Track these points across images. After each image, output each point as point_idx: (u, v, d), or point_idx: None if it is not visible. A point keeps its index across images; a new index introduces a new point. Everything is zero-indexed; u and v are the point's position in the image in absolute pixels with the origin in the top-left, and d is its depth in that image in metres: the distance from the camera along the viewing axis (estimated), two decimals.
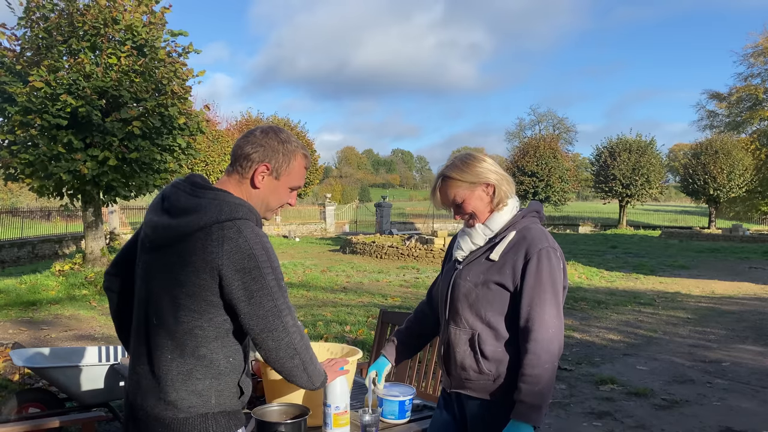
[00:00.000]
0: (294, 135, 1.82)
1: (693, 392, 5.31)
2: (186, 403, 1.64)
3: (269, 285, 1.58)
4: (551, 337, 1.89)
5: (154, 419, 1.67)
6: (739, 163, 31.49)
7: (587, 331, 7.88)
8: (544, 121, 74.18)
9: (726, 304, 10.14)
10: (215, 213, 1.58)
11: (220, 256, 1.55)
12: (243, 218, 1.60)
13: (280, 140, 1.74)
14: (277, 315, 1.59)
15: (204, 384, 1.65)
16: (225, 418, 1.69)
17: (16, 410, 3.85)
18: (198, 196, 1.64)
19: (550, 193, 35.28)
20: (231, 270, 1.55)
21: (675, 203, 63.51)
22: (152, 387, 1.68)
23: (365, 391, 2.34)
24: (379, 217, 28.45)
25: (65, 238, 20.90)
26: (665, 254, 19.30)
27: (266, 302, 1.58)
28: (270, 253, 1.61)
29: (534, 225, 2.03)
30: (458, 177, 2.03)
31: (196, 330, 1.62)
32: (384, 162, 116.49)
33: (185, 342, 1.63)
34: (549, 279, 1.92)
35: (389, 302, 9.67)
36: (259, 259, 1.57)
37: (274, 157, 1.72)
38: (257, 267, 1.56)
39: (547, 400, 1.89)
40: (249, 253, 1.56)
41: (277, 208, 1.79)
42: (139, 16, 11.07)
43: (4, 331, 7.54)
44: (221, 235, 1.56)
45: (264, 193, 1.74)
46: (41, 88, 9.87)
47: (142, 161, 10.95)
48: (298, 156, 1.76)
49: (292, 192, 1.80)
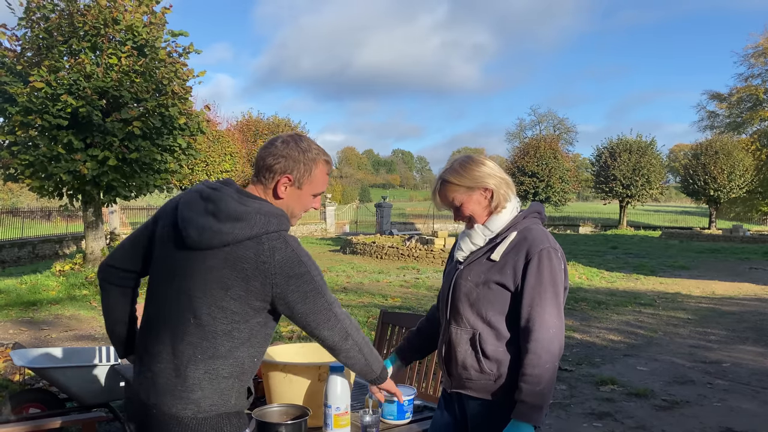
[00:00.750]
0: (315, 142, 1.85)
1: (693, 393, 5.31)
2: (209, 401, 1.68)
3: (318, 284, 1.73)
4: (552, 337, 1.89)
5: (170, 418, 1.68)
6: (740, 164, 31.49)
7: (587, 331, 7.88)
8: (544, 121, 74.24)
9: (726, 304, 10.14)
10: (264, 224, 1.68)
11: (273, 265, 1.66)
12: (285, 229, 1.73)
13: (301, 150, 1.78)
14: (329, 308, 1.75)
15: (228, 383, 1.71)
16: (237, 418, 1.75)
17: (16, 410, 3.86)
18: (245, 204, 1.70)
19: (550, 194, 35.27)
20: (284, 277, 1.67)
21: (675, 204, 63.52)
22: (172, 385, 1.69)
23: (366, 391, 2.35)
24: (380, 217, 28.45)
25: (66, 238, 20.90)
26: (665, 255, 19.30)
27: (319, 300, 1.73)
28: (309, 256, 1.75)
29: (535, 226, 2.04)
30: (456, 181, 2.05)
31: (234, 332, 1.69)
32: (384, 162, 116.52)
33: (221, 342, 1.68)
34: (550, 279, 1.92)
35: (389, 303, 9.67)
36: (307, 264, 1.71)
37: (295, 167, 1.77)
38: (307, 272, 1.70)
39: (548, 400, 1.89)
40: (297, 260, 1.69)
41: (300, 214, 1.85)
42: (139, 16, 11.07)
43: (5, 331, 7.55)
44: (271, 246, 1.67)
45: (287, 203, 1.81)
46: (42, 89, 9.87)
47: (143, 161, 10.95)
48: (319, 164, 1.82)
49: (315, 198, 1.86)
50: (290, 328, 7.46)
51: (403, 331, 3.38)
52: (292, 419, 1.94)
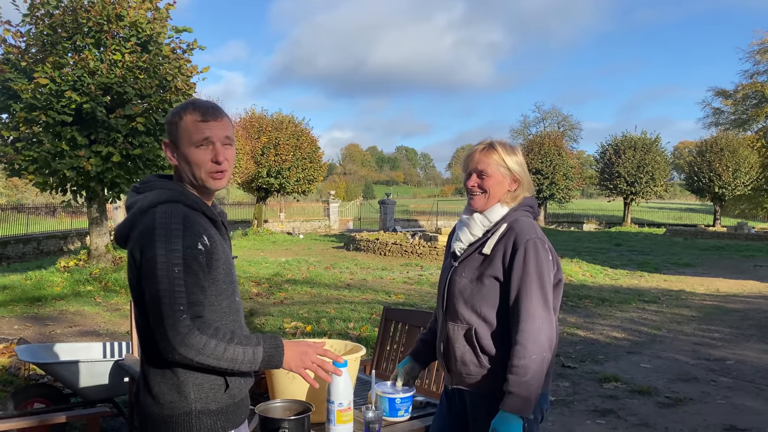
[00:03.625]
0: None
1: (697, 390, 5.30)
2: (167, 398, 1.63)
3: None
4: (538, 327, 1.89)
5: (146, 415, 1.68)
6: (745, 161, 31.33)
7: (591, 328, 7.87)
8: (548, 118, 74.00)
9: (731, 302, 10.11)
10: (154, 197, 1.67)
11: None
12: (170, 200, 1.66)
13: (169, 114, 1.76)
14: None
15: (180, 378, 1.63)
16: (208, 417, 1.64)
17: (21, 405, 3.87)
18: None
19: (554, 191, 35.17)
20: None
21: (680, 201, 63.31)
22: (142, 384, 1.71)
23: (368, 387, 2.35)
24: (383, 214, 28.46)
25: (70, 235, 20.98)
26: (670, 252, 19.25)
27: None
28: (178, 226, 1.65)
29: (524, 218, 2.04)
30: (504, 155, 2.04)
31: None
32: (388, 159, 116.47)
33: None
34: (535, 270, 1.93)
35: (393, 299, 9.67)
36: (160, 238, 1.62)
37: (168, 130, 1.73)
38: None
39: (536, 391, 1.89)
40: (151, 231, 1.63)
41: (203, 172, 1.69)
42: (143, 12, 11.07)
43: (10, 326, 7.58)
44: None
45: (180, 166, 1.72)
46: (46, 85, 9.88)
47: (146, 158, 10.96)
48: (185, 114, 1.70)
49: (201, 148, 1.68)
50: (294, 324, 7.47)
51: (406, 328, 3.38)
52: (295, 415, 1.94)
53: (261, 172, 25.01)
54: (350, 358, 2.23)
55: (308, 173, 26.45)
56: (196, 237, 1.60)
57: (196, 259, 1.58)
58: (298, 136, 26.19)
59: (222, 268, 1.67)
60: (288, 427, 1.86)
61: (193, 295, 1.56)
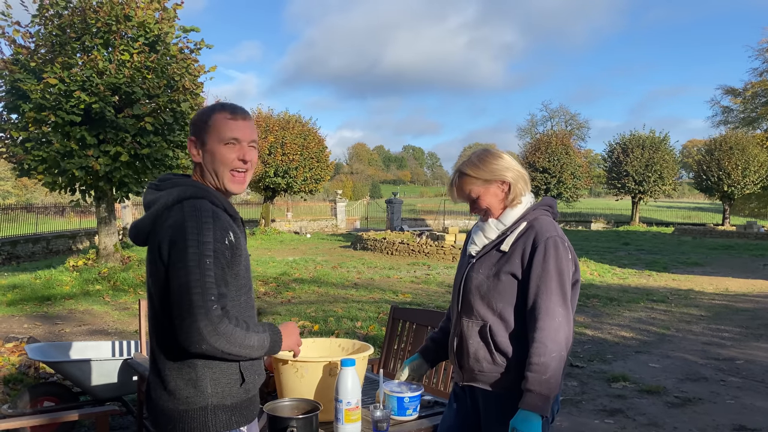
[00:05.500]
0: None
1: (706, 390, 5.27)
2: (183, 393, 1.64)
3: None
4: (557, 326, 1.89)
5: (159, 411, 1.69)
6: (754, 160, 31.08)
7: (599, 328, 7.84)
8: (556, 117, 73.84)
9: (740, 301, 10.05)
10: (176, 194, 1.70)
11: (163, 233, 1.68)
12: (196, 196, 1.69)
13: (197, 113, 1.80)
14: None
15: (197, 372, 1.64)
16: (224, 413, 1.66)
17: (31, 403, 3.90)
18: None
19: (562, 190, 35.04)
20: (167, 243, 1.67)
21: (688, 200, 62.93)
22: (153, 380, 1.72)
23: (376, 386, 2.35)
24: (390, 213, 28.44)
25: (79, 234, 21.10)
26: (678, 251, 19.14)
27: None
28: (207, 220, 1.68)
29: (543, 216, 2.05)
30: (474, 174, 2.05)
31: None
32: (395, 158, 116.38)
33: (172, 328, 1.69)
34: (555, 268, 1.92)
35: (400, 298, 9.67)
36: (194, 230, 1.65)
37: (193, 128, 1.77)
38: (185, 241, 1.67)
39: (555, 390, 1.88)
40: (182, 226, 1.66)
41: (226, 170, 1.73)
42: (151, 12, 11.11)
43: (20, 325, 7.63)
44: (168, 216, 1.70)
45: (204, 162, 1.75)
46: (55, 85, 9.94)
47: (154, 157, 11.00)
48: (214, 114, 1.74)
49: (229, 146, 1.72)
50: (301, 323, 7.49)
51: (414, 327, 3.38)
52: (303, 414, 1.94)
53: (268, 171, 25.05)
54: (358, 357, 2.23)
55: (315, 173, 26.47)
56: (224, 232, 1.64)
57: (224, 253, 1.62)
58: (305, 135, 26.20)
59: (243, 264, 1.72)
60: (296, 426, 1.87)
61: (221, 288, 1.60)
